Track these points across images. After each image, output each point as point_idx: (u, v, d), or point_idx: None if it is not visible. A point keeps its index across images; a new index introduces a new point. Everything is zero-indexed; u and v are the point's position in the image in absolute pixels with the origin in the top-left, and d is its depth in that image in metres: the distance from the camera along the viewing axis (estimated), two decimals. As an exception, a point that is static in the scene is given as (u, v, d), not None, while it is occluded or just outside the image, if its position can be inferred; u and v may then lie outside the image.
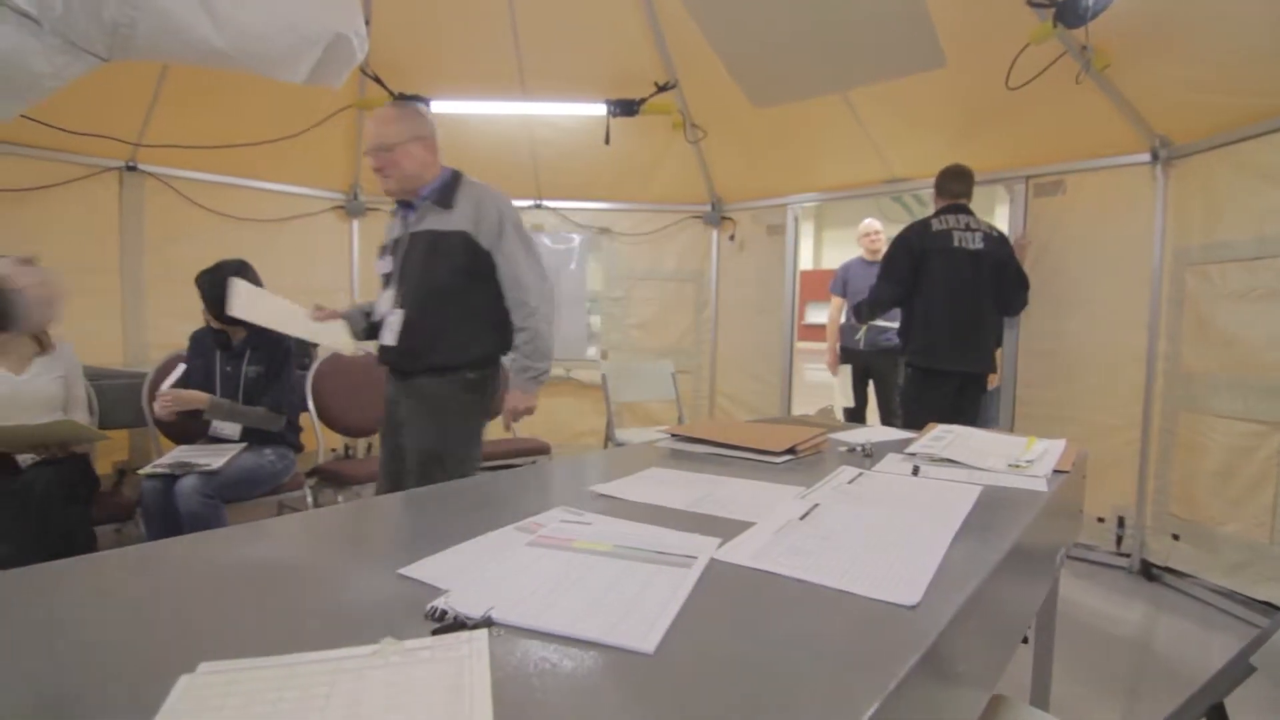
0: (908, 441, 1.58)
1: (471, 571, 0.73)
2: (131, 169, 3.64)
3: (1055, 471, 1.32)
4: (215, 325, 2.56)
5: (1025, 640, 1.53)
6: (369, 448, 4.19)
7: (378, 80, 3.84)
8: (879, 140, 3.85)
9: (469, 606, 0.62)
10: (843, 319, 4.48)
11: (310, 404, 3.14)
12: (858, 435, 1.67)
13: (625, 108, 3.92)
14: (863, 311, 3.42)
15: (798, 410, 4.71)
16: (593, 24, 3.79)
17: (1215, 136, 2.88)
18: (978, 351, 3.08)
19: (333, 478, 2.91)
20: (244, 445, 2.49)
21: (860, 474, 1.23)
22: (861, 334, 4.25)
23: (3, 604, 0.67)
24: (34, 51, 2.34)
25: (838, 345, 4.53)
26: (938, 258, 3.03)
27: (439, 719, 0.47)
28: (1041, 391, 3.48)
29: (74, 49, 2.41)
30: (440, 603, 0.63)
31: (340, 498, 2.85)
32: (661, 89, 3.89)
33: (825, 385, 5.01)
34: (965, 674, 0.78)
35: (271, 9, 2.68)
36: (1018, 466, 1.31)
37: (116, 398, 2.75)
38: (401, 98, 3.82)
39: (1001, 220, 5.21)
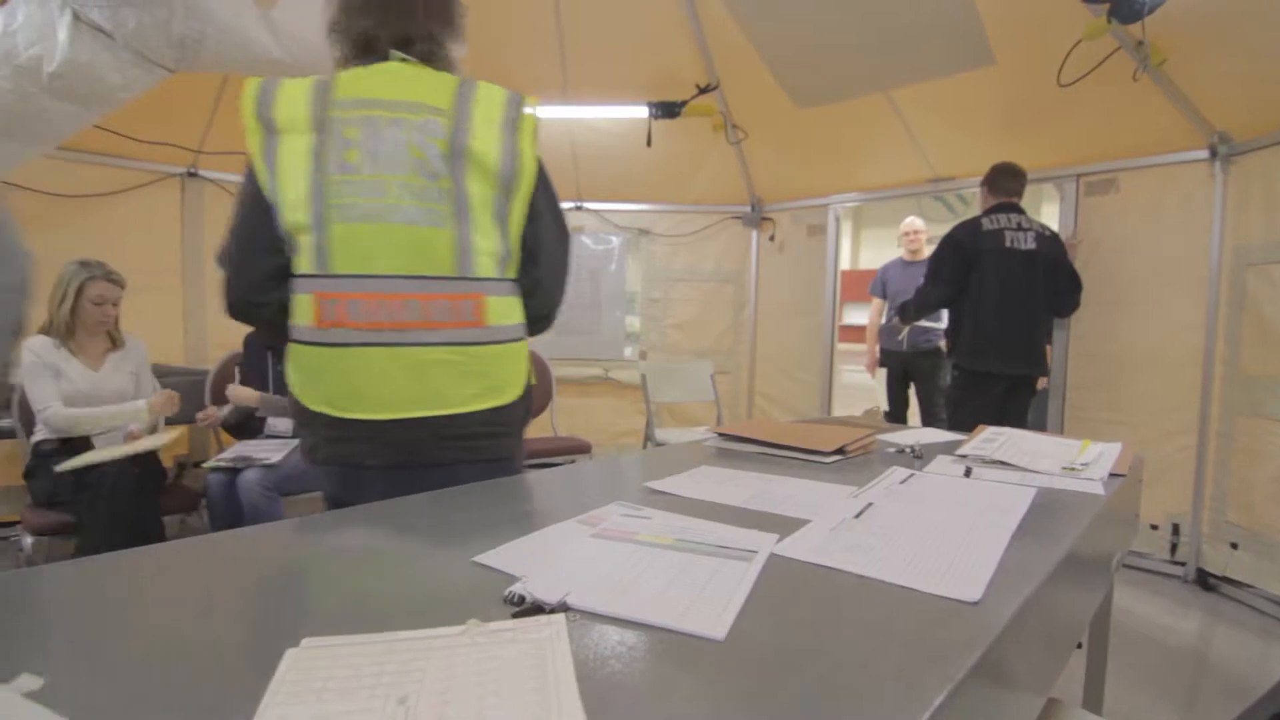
0: (957, 443, 1.57)
1: (542, 560, 0.77)
2: (192, 175, 3.80)
3: (1111, 475, 1.31)
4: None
5: (1079, 645, 1.51)
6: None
7: (425, 86, 3.94)
8: (922, 139, 3.81)
9: (545, 592, 0.66)
10: (883, 320, 4.44)
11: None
12: (906, 437, 1.67)
13: (666, 110, 3.95)
14: (908, 312, 3.37)
15: (838, 412, 4.68)
16: (635, 27, 3.83)
17: (1278, 133, 2.78)
18: (1029, 354, 3.03)
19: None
20: (299, 441, 2.58)
21: (911, 475, 1.24)
22: (904, 335, 4.20)
23: (126, 583, 0.73)
24: (108, 64, 2.46)
25: (877, 347, 4.49)
26: (989, 258, 2.98)
27: (528, 693, 0.51)
28: (1092, 394, 3.40)
29: (145, 62, 2.53)
30: (518, 588, 0.67)
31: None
32: (703, 91, 3.91)
33: (862, 387, 4.97)
34: (1024, 674, 0.78)
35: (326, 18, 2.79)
36: (1072, 469, 1.30)
37: (183, 395, 2.87)
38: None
39: (1050, 219, 5.10)
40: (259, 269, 1.19)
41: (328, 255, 1.15)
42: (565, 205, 4.98)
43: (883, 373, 4.52)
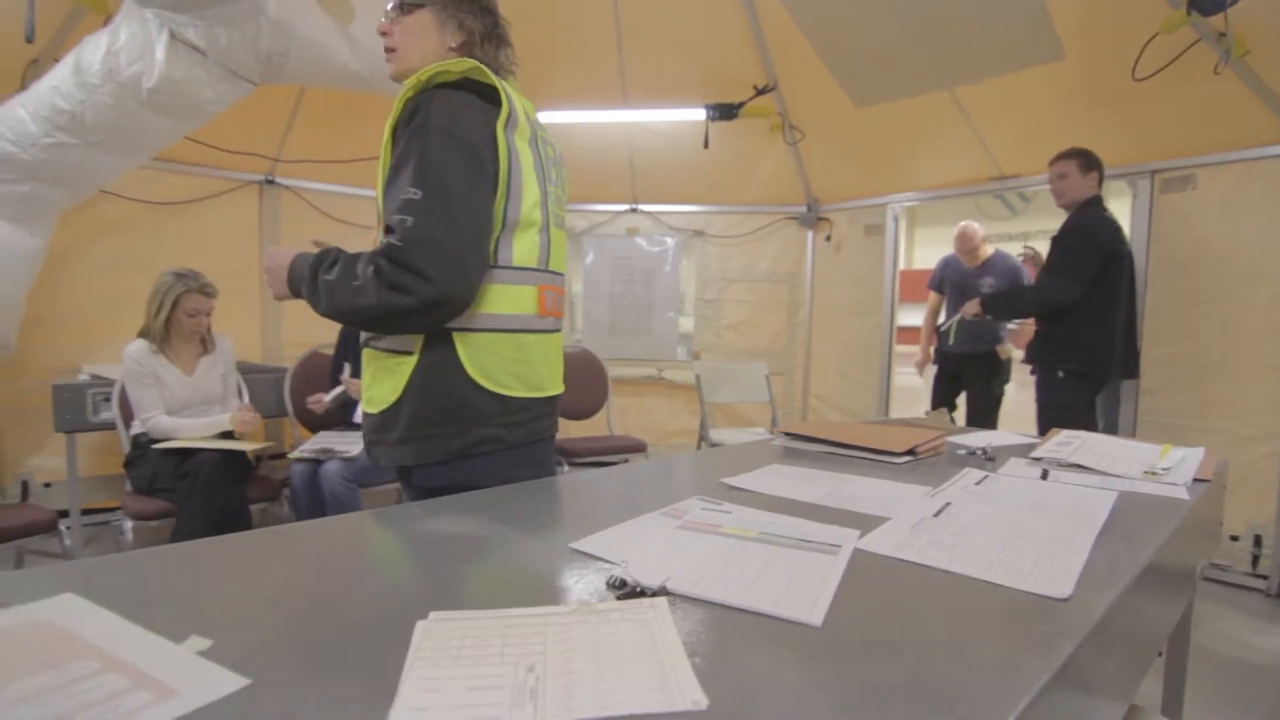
0: (1029, 446, 1.56)
1: (634, 549, 0.81)
2: (270, 183, 3.99)
3: (1195, 480, 1.28)
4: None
5: (1160, 655, 1.48)
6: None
7: (488, 93, 4.05)
8: (987, 136, 3.74)
9: (645, 577, 0.70)
10: (940, 319, 4.24)
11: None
12: (976, 439, 1.66)
13: (724, 111, 3.97)
14: (1021, 306, 3.02)
15: (894, 413, 4.62)
16: (694, 29, 3.87)
17: (1373, 124, 2.64)
18: (1136, 359, 2.94)
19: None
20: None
21: (985, 476, 1.24)
22: (952, 333, 3.84)
23: (261, 560, 0.80)
24: (200, 80, 2.62)
25: (931, 346, 4.21)
26: (1125, 260, 2.85)
27: (643, 665, 0.55)
28: (1167, 399, 3.28)
29: (233, 76, 2.69)
30: (619, 573, 0.71)
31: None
32: (760, 91, 3.92)
33: (913, 389, 4.80)
34: (1109, 676, 0.79)
35: (400, 32, 2.91)
36: (1154, 474, 1.28)
37: (261, 390, 3.04)
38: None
39: (1122, 217, 4.93)
40: (486, 254, 1.17)
41: (548, 254, 1.30)
42: (619, 207, 5.04)
43: (932, 370, 4.17)
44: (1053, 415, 2.85)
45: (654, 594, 0.67)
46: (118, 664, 0.55)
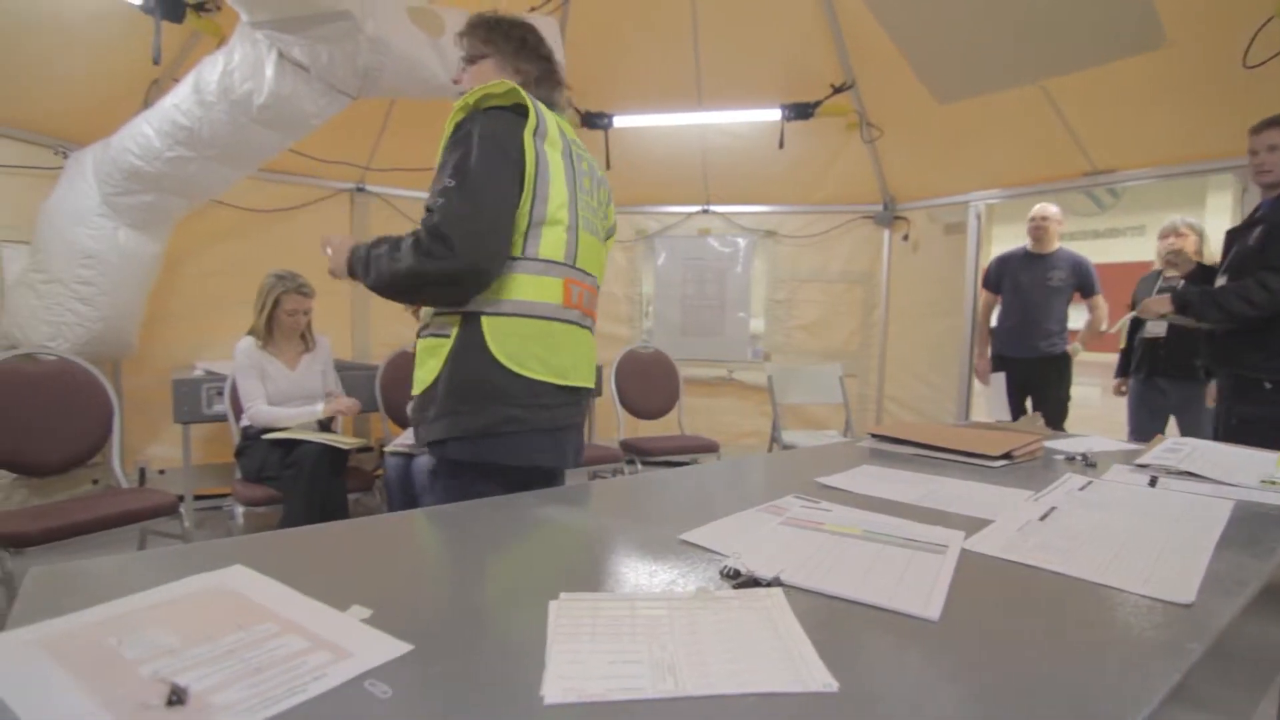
0: (1130, 453, 1.51)
1: (740, 542, 0.84)
2: (360, 190, 4.20)
3: (1320, 490, 1.21)
4: None
5: None
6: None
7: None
8: (1080, 130, 3.58)
9: (760, 568, 0.73)
10: (994, 320, 3.87)
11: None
12: (1074, 444, 1.61)
13: (800, 111, 3.94)
14: (1238, 306, 2.43)
15: (974, 417, 4.47)
16: (771, 29, 3.86)
17: None
18: None
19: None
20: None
21: (1089, 482, 1.21)
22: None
23: (394, 541, 0.87)
24: (304, 95, 2.79)
25: (989, 350, 3.89)
26: None
27: (769, 647, 0.58)
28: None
29: (333, 91, 2.85)
30: (732, 563, 0.74)
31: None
32: (838, 90, 3.87)
33: (977, 392, 4.57)
34: (1231, 690, 0.77)
35: (487, 43, 3.03)
36: (1273, 483, 1.22)
37: (353, 386, 3.20)
38: (587, 115, 4.10)
39: (1219, 214, 4.64)
40: (507, 237, 1.32)
41: (575, 252, 1.41)
42: (691, 209, 5.05)
43: (997, 380, 3.76)
44: (1264, 432, 2.27)
45: (769, 584, 0.70)
46: (293, 627, 0.61)
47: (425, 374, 1.37)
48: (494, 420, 1.33)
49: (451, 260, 1.25)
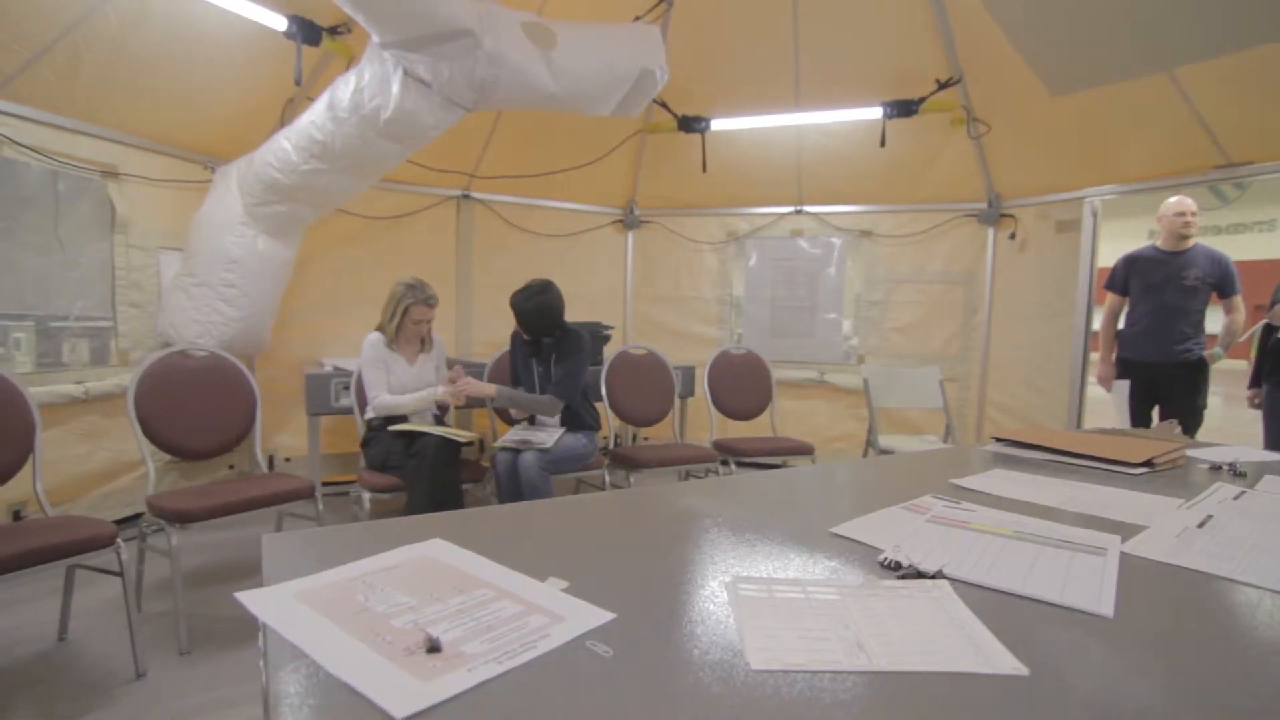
0: (1285, 463, 1.43)
1: (890, 536, 0.87)
2: (466, 197, 4.41)
3: None
4: (525, 336, 3.03)
5: None
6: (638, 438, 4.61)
7: (664, 105, 4.22)
8: (1212, 121, 3.36)
9: (921, 561, 0.76)
10: (1121, 323, 3.65)
11: (604, 395, 3.56)
12: (1220, 454, 1.54)
13: (902, 109, 3.86)
14: None
15: (1088, 425, 4.25)
16: (875, 25, 3.80)
17: None
18: None
19: (625, 461, 3.27)
20: (564, 429, 2.93)
21: (1243, 492, 1.17)
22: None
23: (553, 524, 0.94)
24: (424, 109, 2.97)
25: (1114, 355, 3.69)
26: None
27: (948, 632, 0.61)
28: None
29: (450, 104, 3.01)
30: (892, 555, 0.77)
31: (632, 479, 3.20)
32: (943, 86, 3.77)
33: (1102, 399, 4.29)
34: None
35: (595, 54, 3.12)
36: None
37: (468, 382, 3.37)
38: (684, 119, 4.15)
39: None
40: None
41: None
42: (784, 209, 5.03)
43: (1120, 387, 3.58)
44: None
45: (934, 576, 0.73)
46: (505, 594, 0.69)
47: None
48: None
49: None
